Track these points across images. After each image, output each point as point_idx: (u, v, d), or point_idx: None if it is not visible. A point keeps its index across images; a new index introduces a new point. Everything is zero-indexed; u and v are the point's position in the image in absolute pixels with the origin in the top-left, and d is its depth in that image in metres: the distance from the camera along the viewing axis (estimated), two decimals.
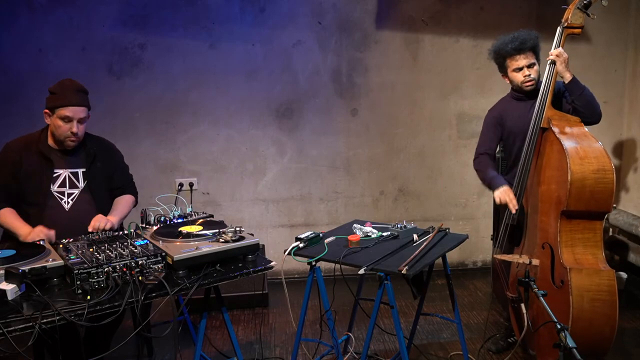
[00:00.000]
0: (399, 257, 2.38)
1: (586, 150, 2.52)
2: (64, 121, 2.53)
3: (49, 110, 2.56)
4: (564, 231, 2.55)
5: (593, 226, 2.57)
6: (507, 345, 3.19)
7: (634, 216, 4.23)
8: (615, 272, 2.51)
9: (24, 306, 1.83)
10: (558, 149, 2.56)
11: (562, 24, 2.73)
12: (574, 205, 2.50)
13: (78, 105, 2.55)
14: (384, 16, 4.24)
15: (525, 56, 2.83)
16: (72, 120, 2.54)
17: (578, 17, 2.68)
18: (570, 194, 2.48)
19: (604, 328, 2.47)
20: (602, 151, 2.53)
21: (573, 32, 2.72)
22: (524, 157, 2.78)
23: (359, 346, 3.20)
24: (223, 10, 4.11)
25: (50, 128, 2.61)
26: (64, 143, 2.60)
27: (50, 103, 2.56)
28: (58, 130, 2.56)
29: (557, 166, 2.56)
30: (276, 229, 4.47)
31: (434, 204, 4.55)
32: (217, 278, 2.14)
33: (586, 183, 2.47)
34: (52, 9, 3.96)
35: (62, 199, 2.62)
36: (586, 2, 2.65)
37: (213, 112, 4.25)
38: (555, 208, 2.58)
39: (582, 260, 2.53)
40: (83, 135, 2.65)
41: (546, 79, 2.75)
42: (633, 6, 4.34)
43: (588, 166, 2.48)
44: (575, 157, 2.49)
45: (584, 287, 2.46)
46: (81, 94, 2.59)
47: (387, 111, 4.39)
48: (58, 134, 2.57)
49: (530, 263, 2.63)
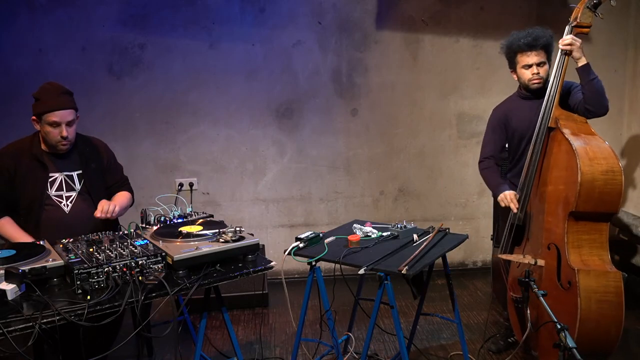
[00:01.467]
0: (399, 257, 2.38)
1: (595, 151, 2.50)
2: (52, 126, 2.49)
3: (36, 117, 2.51)
4: (570, 232, 2.53)
5: (599, 227, 2.55)
6: (507, 345, 3.19)
7: (634, 216, 4.22)
8: (621, 273, 2.50)
9: (24, 306, 1.83)
10: (567, 149, 2.54)
11: (571, 23, 2.70)
12: (582, 206, 2.47)
13: (64, 108, 2.50)
14: (384, 16, 4.24)
15: (536, 53, 2.80)
16: (61, 124, 2.49)
17: (587, 16, 2.66)
18: (580, 195, 2.45)
19: (610, 329, 2.47)
20: (611, 152, 2.51)
21: (582, 31, 2.68)
22: (530, 157, 2.75)
23: (359, 346, 3.20)
24: (223, 10, 4.11)
25: (41, 134, 2.57)
26: (56, 147, 2.57)
27: (36, 110, 2.50)
28: (48, 135, 2.52)
29: (566, 166, 2.54)
30: (276, 229, 4.47)
31: (434, 204, 4.55)
32: (217, 278, 2.14)
33: (596, 184, 2.45)
34: (52, 9, 3.96)
35: (61, 202, 2.60)
36: (596, 2, 2.63)
37: (213, 112, 4.25)
38: (563, 209, 2.56)
39: (588, 261, 2.52)
40: (74, 137, 2.61)
41: (556, 71, 2.69)
42: (633, 6, 4.34)
43: (597, 167, 2.46)
44: (585, 158, 2.47)
45: (591, 288, 2.45)
46: (65, 96, 2.54)
47: (387, 111, 4.39)
48: (49, 140, 2.53)
49: (536, 264, 2.63)
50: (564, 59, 2.69)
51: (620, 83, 4.45)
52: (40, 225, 2.55)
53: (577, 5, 2.70)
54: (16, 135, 2.71)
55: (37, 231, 2.54)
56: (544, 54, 2.81)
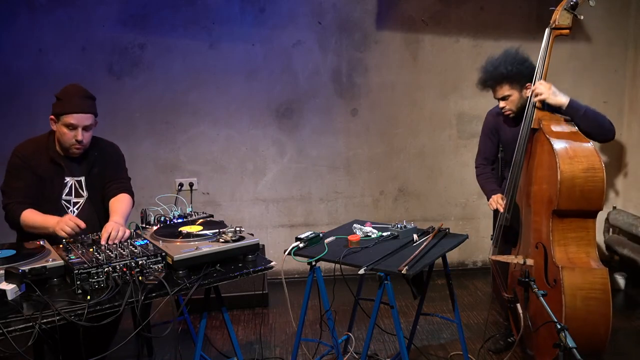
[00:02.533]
0: (399, 257, 2.38)
1: (576, 150, 2.54)
2: (68, 128, 2.47)
3: (55, 117, 2.50)
4: (556, 230, 2.57)
5: (585, 225, 2.58)
6: (507, 345, 3.19)
7: (634, 216, 4.22)
8: (608, 270, 2.51)
9: (24, 306, 1.83)
10: (548, 149, 2.58)
11: (550, 25, 2.73)
12: (564, 204, 2.51)
13: (83, 112, 2.48)
14: (384, 16, 4.24)
15: (495, 90, 2.85)
16: (77, 127, 2.47)
17: (565, 18, 2.69)
18: (561, 193, 2.49)
19: (598, 327, 2.48)
20: (592, 150, 2.54)
21: (561, 32, 2.72)
22: (515, 158, 2.80)
23: (359, 346, 3.20)
24: (223, 10, 4.11)
25: (56, 134, 2.55)
26: (69, 150, 2.54)
27: (56, 109, 2.49)
28: (63, 137, 2.50)
29: (548, 166, 2.58)
30: (276, 229, 4.47)
31: (434, 204, 4.55)
32: (217, 278, 2.14)
33: (576, 182, 2.49)
34: (52, 9, 3.96)
35: (69, 208, 2.59)
36: (573, 3, 2.66)
37: (213, 112, 4.25)
38: (547, 207, 2.60)
39: (574, 259, 2.54)
40: (89, 142, 2.58)
41: (538, 74, 2.73)
42: (633, 6, 4.34)
43: (577, 165, 2.50)
44: (565, 157, 2.51)
45: (576, 285, 2.46)
46: (87, 101, 2.52)
47: (387, 111, 4.39)
48: (63, 141, 2.52)
49: (525, 263, 2.64)
50: (545, 55, 2.71)
51: (620, 83, 4.45)
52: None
53: (555, 8, 2.72)
54: (16, 135, 2.71)
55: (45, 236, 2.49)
56: (505, 87, 2.81)
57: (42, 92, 3.98)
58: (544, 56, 2.72)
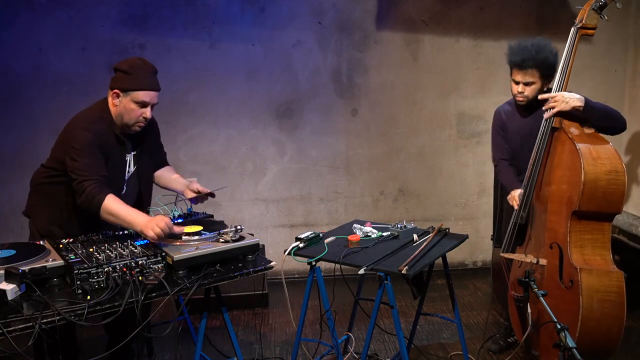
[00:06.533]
0: (399, 257, 2.38)
1: (599, 151, 2.51)
2: (138, 105, 2.34)
3: (121, 91, 2.33)
4: (573, 232, 2.54)
5: (602, 227, 2.56)
6: (507, 345, 3.20)
7: (634, 216, 4.22)
8: (623, 273, 2.50)
9: (24, 306, 1.83)
10: (570, 149, 2.55)
11: (576, 25, 2.68)
12: (585, 205, 2.48)
13: (155, 90, 2.38)
14: (384, 16, 4.24)
15: (524, 72, 2.76)
16: (148, 105, 2.36)
17: (593, 18, 2.66)
18: (583, 195, 2.46)
19: (611, 329, 2.47)
20: (614, 152, 2.52)
21: (587, 32, 2.67)
22: (534, 156, 2.75)
23: (359, 346, 3.20)
24: (223, 10, 4.11)
25: (116, 110, 2.38)
26: (131, 127, 2.40)
27: (124, 84, 2.32)
28: (130, 113, 2.35)
29: (569, 166, 2.55)
30: (276, 229, 4.47)
31: (434, 204, 4.55)
32: (217, 278, 2.14)
33: (599, 184, 2.46)
34: (52, 9, 3.96)
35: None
36: (601, 4, 2.63)
37: (213, 112, 4.25)
38: (566, 208, 2.57)
39: (590, 261, 2.52)
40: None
41: (562, 70, 2.67)
42: (633, 6, 4.34)
43: (601, 167, 2.47)
44: (589, 158, 2.48)
45: (593, 287, 2.45)
46: (156, 77, 2.40)
47: (387, 111, 4.39)
48: (128, 118, 2.36)
49: (538, 262, 2.63)
50: (570, 54, 2.67)
51: (620, 83, 4.45)
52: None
53: (582, 7, 2.69)
54: (16, 135, 2.70)
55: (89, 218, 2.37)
56: (536, 73, 2.76)
57: (42, 92, 3.99)
58: (569, 56, 2.67)
